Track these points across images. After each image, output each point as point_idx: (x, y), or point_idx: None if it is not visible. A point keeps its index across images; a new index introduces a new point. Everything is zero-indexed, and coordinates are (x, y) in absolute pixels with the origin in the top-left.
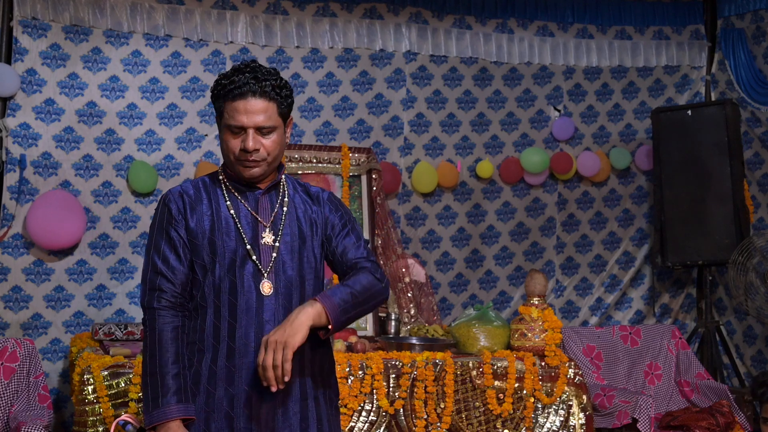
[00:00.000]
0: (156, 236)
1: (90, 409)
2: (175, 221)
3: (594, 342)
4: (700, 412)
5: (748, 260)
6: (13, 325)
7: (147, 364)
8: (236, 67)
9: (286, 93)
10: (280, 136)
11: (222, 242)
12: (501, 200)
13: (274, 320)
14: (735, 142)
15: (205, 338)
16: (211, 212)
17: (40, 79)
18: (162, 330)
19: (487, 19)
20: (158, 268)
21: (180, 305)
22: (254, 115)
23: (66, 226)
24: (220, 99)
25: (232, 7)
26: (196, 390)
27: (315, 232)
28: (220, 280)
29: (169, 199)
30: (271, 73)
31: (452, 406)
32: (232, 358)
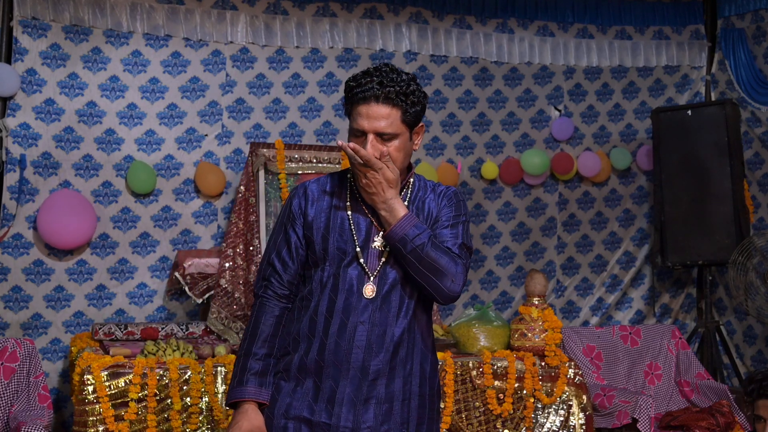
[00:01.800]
0: (277, 228)
1: (90, 409)
2: (294, 218)
3: (594, 342)
4: (700, 412)
5: (748, 260)
6: (13, 325)
7: (241, 345)
8: (368, 69)
9: (413, 100)
10: (404, 143)
11: (334, 241)
12: (502, 200)
13: (369, 322)
14: (735, 142)
15: (302, 330)
16: (330, 209)
17: (40, 79)
18: (260, 316)
19: (487, 19)
20: (271, 260)
21: (284, 297)
22: (375, 121)
23: (77, 225)
24: (348, 101)
25: (232, 7)
26: (285, 376)
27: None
28: (328, 278)
29: (294, 194)
30: (402, 78)
31: (452, 406)
32: (322, 353)
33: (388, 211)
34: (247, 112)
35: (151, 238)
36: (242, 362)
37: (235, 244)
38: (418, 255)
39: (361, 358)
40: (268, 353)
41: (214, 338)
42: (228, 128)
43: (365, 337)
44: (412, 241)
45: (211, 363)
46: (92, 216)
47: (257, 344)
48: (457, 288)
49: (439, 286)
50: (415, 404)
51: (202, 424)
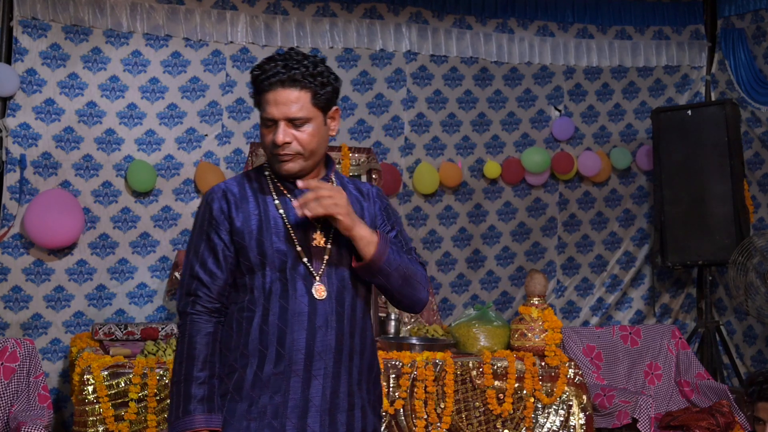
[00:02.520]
0: (196, 238)
1: (90, 409)
2: (216, 223)
3: (594, 342)
4: (700, 412)
5: (748, 260)
6: (13, 325)
7: (175, 371)
8: (272, 55)
9: (322, 81)
10: (318, 128)
11: (271, 243)
12: (502, 200)
13: (326, 326)
14: (735, 142)
15: (250, 343)
16: (259, 211)
17: (40, 79)
18: (193, 336)
19: (487, 19)
20: (195, 272)
21: (216, 311)
22: (284, 106)
23: (63, 224)
24: (255, 91)
25: (232, 7)
26: (237, 396)
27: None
28: (271, 283)
29: (211, 198)
30: (307, 59)
31: (452, 406)
32: (279, 364)
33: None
34: (247, 112)
35: (151, 238)
36: (183, 389)
37: None
38: (402, 272)
39: (322, 366)
40: (211, 375)
41: None
42: (228, 128)
43: (324, 343)
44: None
45: None
46: (80, 215)
47: (197, 367)
48: (427, 296)
49: (417, 296)
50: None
51: None
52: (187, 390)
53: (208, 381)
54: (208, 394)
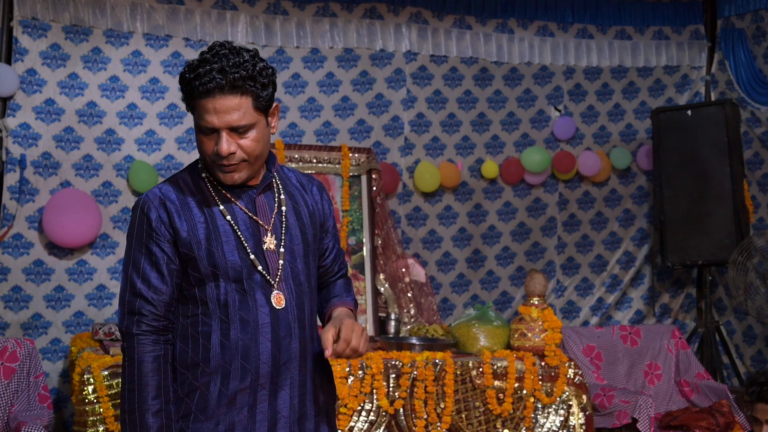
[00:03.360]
0: (134, 251)
1: (90, 409)
2: (156, 234)
3: (594, 342)
4: (700, 412)
5: (748, 260)
6: (13, 325)
7: (125, 399)
8: (202, 56)
9: (263, 81)
10: (261, 132)
11: (222, 254)
12: (502, 200)
13: (290, 335)
14: (735, 142)
15: (212, 359)
16: (205, 219)
17: (40, 79)
18: (142, 361)
19: (487, 19)
20: (137, 289)
21: (163, 329)
22: (225, 115)
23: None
24: (187, 95)
25: (232, 7)
26: (202, 416)
27: (315, 229)
28: (226, 295)
29: (147, 207)
30: (244, 60)
31: (452, 406)
32: (245, 379)
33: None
34: None
35: None
36: (139, 420)
37: None
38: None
39: (288, 376)
40: (165, 401)
41: None
42: None
43: (290, 352)
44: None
45: None
46: (97, 214)
47: (150, 395)
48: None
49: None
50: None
51: None
52: (142, 420)
53: (164, 408)
54: (165, 423)
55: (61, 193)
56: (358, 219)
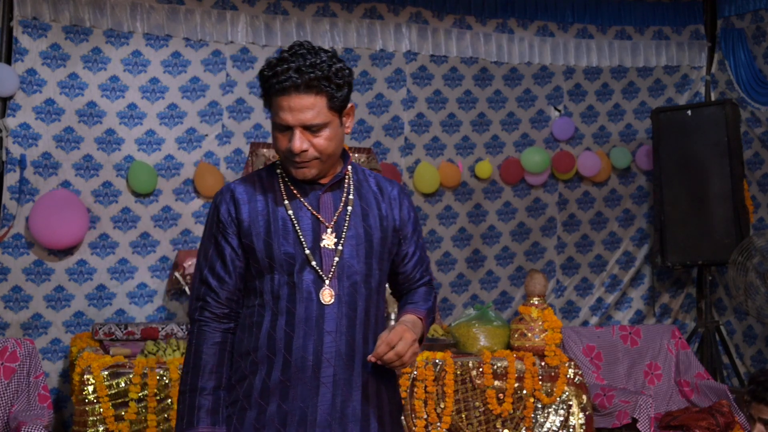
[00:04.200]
0: (205, 241)
1: (90, 409)
2: (224, 226)
3: (594, 342)
4: (700, 412)
5: (748, 260)
6: (13, 325)
7: (182, 380)
8: (282, 55)
9: (338, 82)
10: (335, 131)
11: (279, 245)
12: (502, 200)
13: (336, 331)
14: (735, 142)
15: (260, 349)
16: (267, 212)
17: (40, 79)
18: (200, 345)
19: (487, 19)
20: (204, 276)
21: (225, 316)
22: (299, 113)
23: (68, 225)
24: (265, 92)
25: (232, 7)
26: (247, 404)
27: (385, 233)
28: (279, 287)
29: (219, 200)
30: (322, 60)
31: (452, 406)
32: (287, 371)
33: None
34: (247, 112)
35: (151, 238)
36: (189, 400)
37: None
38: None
39: (331, 373)
40: (217, 386)
41: None
42: (228, 128)
43: (334, 349)
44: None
45: None
46: (85, 216)
47: (203, 378)
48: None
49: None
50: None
51: None
52: (192, 401)
53: (213, 392)
54: (213, 406)
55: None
56: None
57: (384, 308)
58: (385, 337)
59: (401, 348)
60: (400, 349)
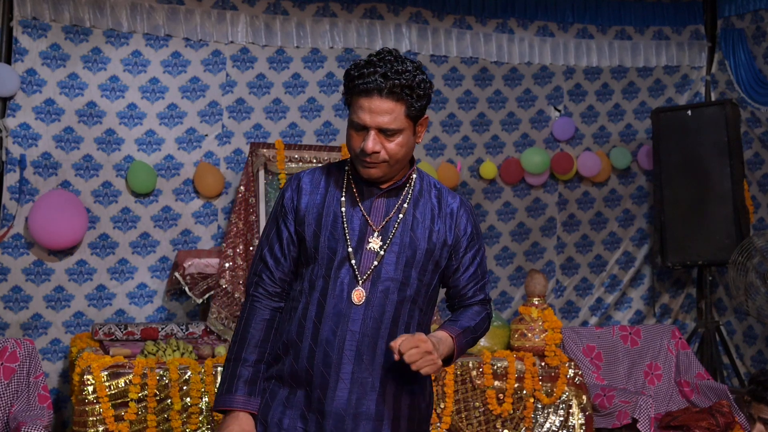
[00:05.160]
0: (270, 222)
1: (90, 409)
2: (285, 211)
3: (594, 342)
4: (700, 412)
5: (748, 260)
6: (13, 325)
7: (230, 348)
8: (369, 58)
9: (419, 93)
10: (407, 138)
11: (325, 238)
12: (501, 200)
13: (360, 332)
14: (735, 142)
15: (290, 334)
16: (323, 204)
17: (40, 79)
18: (249, 319)
19: (487, 19)
20: (263, 254)
21: (277, 295)
22: (378, 116)
23: (67, 225)
24: (348, 91)
25: (232, 7)
26: (280, 382)
27: (432, 246)
28: (317, 279)
29: (287, 186)
30: (406, 69)
31: (452, 406)
32: (312, 361)
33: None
34: (248, 112)
35: (151, 238)
36: (231, 368)
37: (235, 245)
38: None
39: (350, 370)
40: (259, 359)
41: (214, 338)
42: (228, 128)
43: (355, 348)
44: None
45: (211, 363)
46: (84, 217)
47: (248, 349)
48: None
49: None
50: (404, 425)
51: (202, 424)
52: (234, 370)
53: (254, 365)
54: (252, 377)
55: (48, 195)
56: None
57: (422, 320)
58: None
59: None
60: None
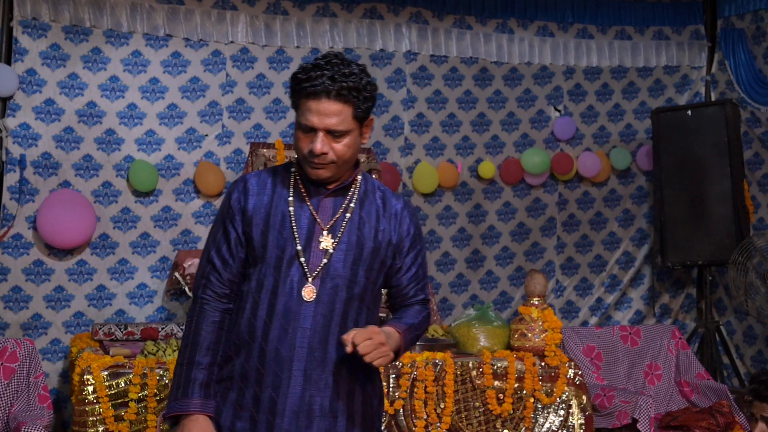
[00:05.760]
0: (216, 224)
1: (90, 409)
2: (233, 213)
3: (594, 342)
4: (700, 412)
5: (748, 260)
6: (13, 325)
7: (181, 353)
8: (317, 61)
9: (366, 95)
10: (354, 140)
11: (274, 238)
12: (501, 200)
13: (311, 329)
14: (735, 142)
15: (241, 334)
16: (271, 205)
17: (40, 79)
18: (200, 322)
19: (487, 19)
20: (211, 257)
21: (225, 296)
22: (326, 118)
23: (76, 224)
24: (295, 93)
25: (232, 7)
26: (230, 384)
27: (378, 245)
28: (265, 278)
29: (233, 188)
30: (352, 71)
31: (452, 406)
32: (263, 359)
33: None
34: (248, 112)
35: (151, 238)
36: (185, 372)
37: None
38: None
39: (302, 367)
40: (212, 362)
41: None
42: (228, 128)
43: (307, 344)
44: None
45: None
46: (92, 215)
47: (200, 353)
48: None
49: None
50: (359, 420)
51: None
52: (188, 373)
53: (208, 367)
54: (206, 380)
55: (56, 194)
56: None
57: (369, 318)
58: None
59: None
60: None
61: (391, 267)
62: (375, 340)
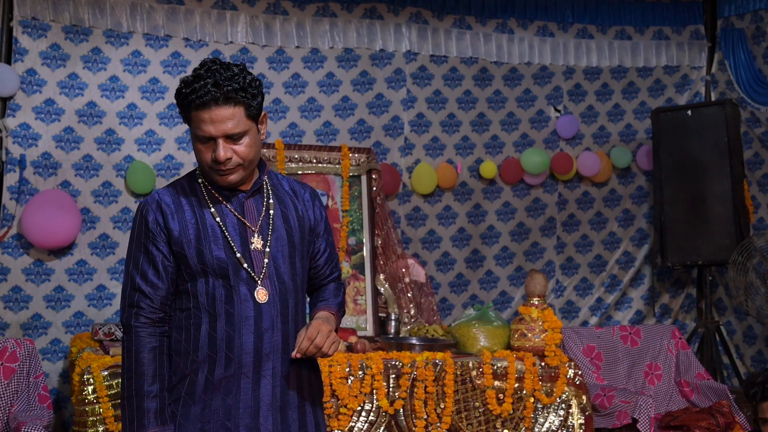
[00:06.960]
0: (134, 250)
1: (90, 409)
2: (153, 235)
3: (594, 342)
4: (700, 412)
5: (748, 260)
6: (13, 325)
7: (125, 386)
8: (197, 72)
9: (253, 92)
10: (253, 138)
11: (210, 252)
12: (501, 200)
13: (272, 328)
14: (735, 142)
15: (200, 350)
16: (196, 220)
17: (40, 79)
18: (139, 352)
19: (487, 19)
20: (136, 284)
21: (159, 320)
22: (221, 124)
23: (60, 224)
24: (184, 108)
25: (232, 7)
26: (191, 400)
27: (303, 233)
28: (214, 290)
29: (146, 210)
30: (234, 73)
31: (452, 406)
32: (230, 368)
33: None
34: None
35: None
36: (137, 404)
37: None
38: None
39: (270, 366)
40: (161, 388)
41: None
42: None
43: (271, 344)
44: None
45: None
46: (77, 215)
47: (147, 382)
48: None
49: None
50: (318, 405)
51: None
52: (140, 405)
53: (159, 394)
54: (160, 408)
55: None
56: (358, 219)
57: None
58: (305, 333)
59: (320, 340)
60: (319, 341)
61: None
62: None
